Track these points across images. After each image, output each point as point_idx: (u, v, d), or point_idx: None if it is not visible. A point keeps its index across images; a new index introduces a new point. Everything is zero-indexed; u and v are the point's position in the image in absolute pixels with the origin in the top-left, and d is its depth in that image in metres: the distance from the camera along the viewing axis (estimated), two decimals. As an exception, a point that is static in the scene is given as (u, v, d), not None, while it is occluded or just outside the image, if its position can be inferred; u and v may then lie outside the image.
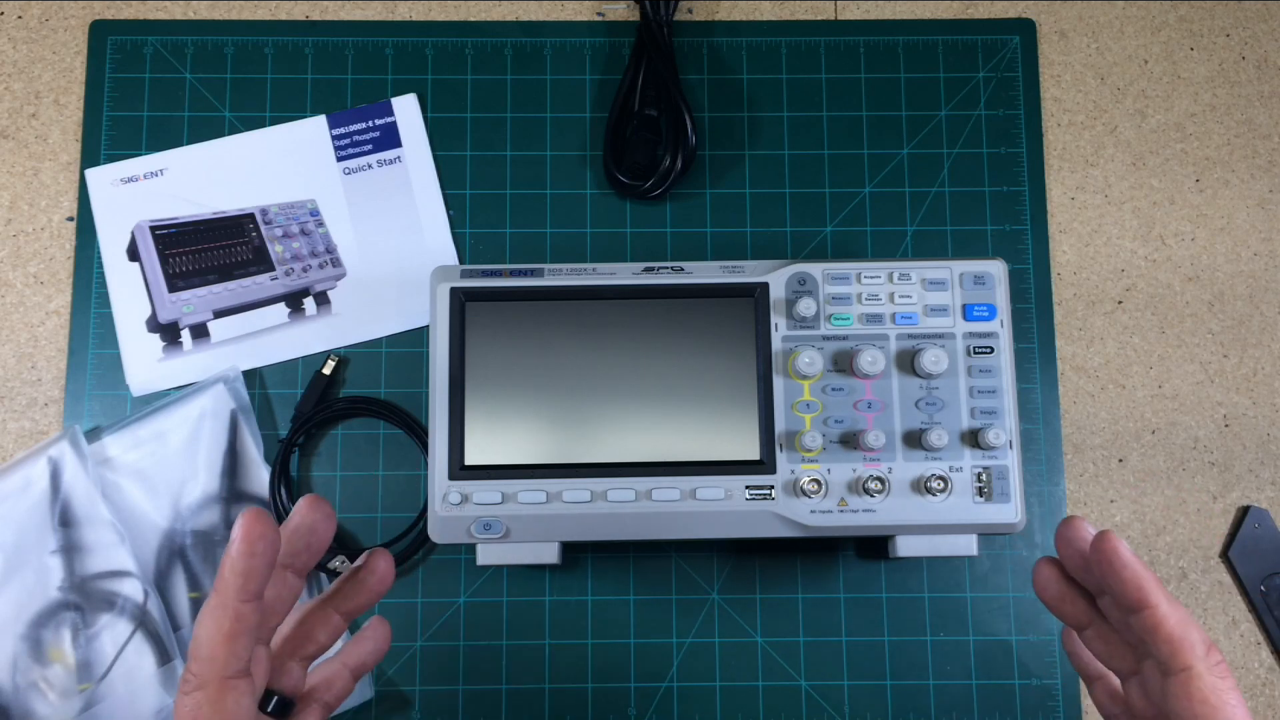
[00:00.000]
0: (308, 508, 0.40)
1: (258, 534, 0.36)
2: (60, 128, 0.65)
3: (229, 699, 0.36)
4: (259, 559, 0.36)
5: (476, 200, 0.65)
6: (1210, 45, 0.68)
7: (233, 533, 0.36)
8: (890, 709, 0.60)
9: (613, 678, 0.60)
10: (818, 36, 0.67)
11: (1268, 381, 0.64)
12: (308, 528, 0.40)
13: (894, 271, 0.56)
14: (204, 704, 0.36)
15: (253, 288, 0.63)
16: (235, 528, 0.36)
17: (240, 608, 0.36)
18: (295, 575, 0.40)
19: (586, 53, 0.67)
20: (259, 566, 0.36)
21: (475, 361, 0.55)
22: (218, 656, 0.36)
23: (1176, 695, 0.36)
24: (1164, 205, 0.66)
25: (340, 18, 0.67)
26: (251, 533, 0.36)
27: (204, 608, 0.37)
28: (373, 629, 0.47)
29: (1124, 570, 0.37)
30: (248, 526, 0.36)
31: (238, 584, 0.36)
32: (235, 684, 0.37)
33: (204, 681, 0.36)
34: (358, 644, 0.46)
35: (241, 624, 0.36)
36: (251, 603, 0.37)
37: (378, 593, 0.43)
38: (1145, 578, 0.37)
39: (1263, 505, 0.63)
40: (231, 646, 0.36)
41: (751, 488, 0.54)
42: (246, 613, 0.36)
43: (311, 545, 0.40)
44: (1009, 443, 0.54)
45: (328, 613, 0.43)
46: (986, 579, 0.61)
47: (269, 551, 0.37)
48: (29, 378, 0.63)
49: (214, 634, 0.36)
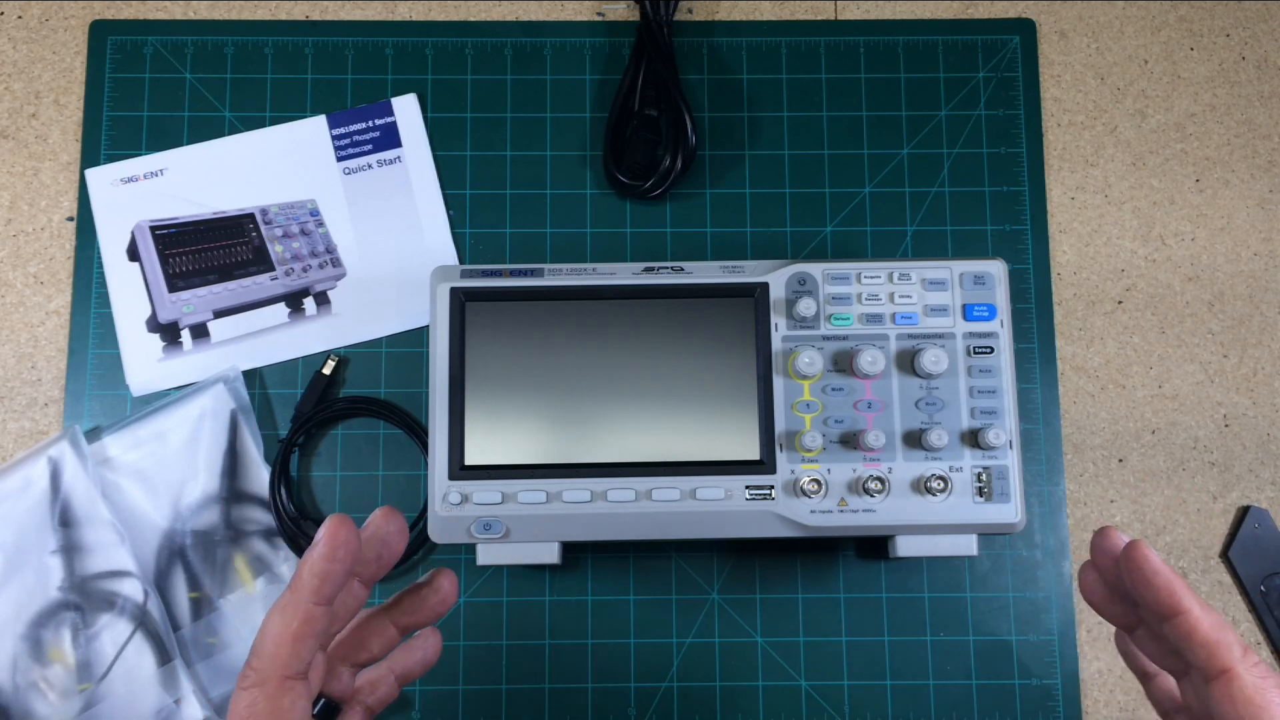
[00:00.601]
0: (383, 518, 0.40)
1: (341, 539, 0.37)
2: (60, 128, 0.65)
3: (285, 699, 0.36)
4: (339, 564, 0.37)
5: (476, 200, 0.65)
6: (1210, 45, 0.68)
7: (317, 535, 0.37)
8: (890, 709, 0.60)
9: (613, 678, 0.60)
10: (818, 36, 0.67)
11: (1268, 381, 0.64)
12: (381, 539, 0.40)
13: (894, 271, 0.56)
14: (260, 700, 0.36)
15: (253, 288, 0.63)
16: (321, 530, 0.37)
17: (312, 610, 0.37)
18: (362, 585, 0.40)
19: (586, 53, 0.67)
20: (337, 571, 0.37)
21: (475, 361, 0.55)
22: (281, 655, 0.36)
23: (1220, 699, 0.36)
24: (1164, 205, 0.66)
25: (340, 18, 0.67)
26: (336, 537, 0.37)
27: (274, 606, 0.37)
28: (424, 639, 0.46)
29: (1155, 578, 0.37)
30: (333, 530, 0.37)
31: (314, 585, 0.36)
32: (293, 685, 0.37)
33: (263, 678, 0.36)
34: (407, 651, 0.46)
35: (309, 626, 0.37)
36: (323, 606, 0.37)
37: (438, 613, 0.44)
38: (1176, 584, 0.37)
39: (1263, 505, 0.63)
40: (296, 647, 0.36)
41: (751, 488, 0.54)
42: (317, 615, 0.37)
43: (383, 557, 0.40)
44: (1009, 443, 0.54)
45: (384, 623, 0.43)
46: (986, 579, 0.61)
47: (349, 558, 0.37)
48: (29, 378, 0.63)
49: (281, 633, 0.36)
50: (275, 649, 0.36)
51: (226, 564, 0.60)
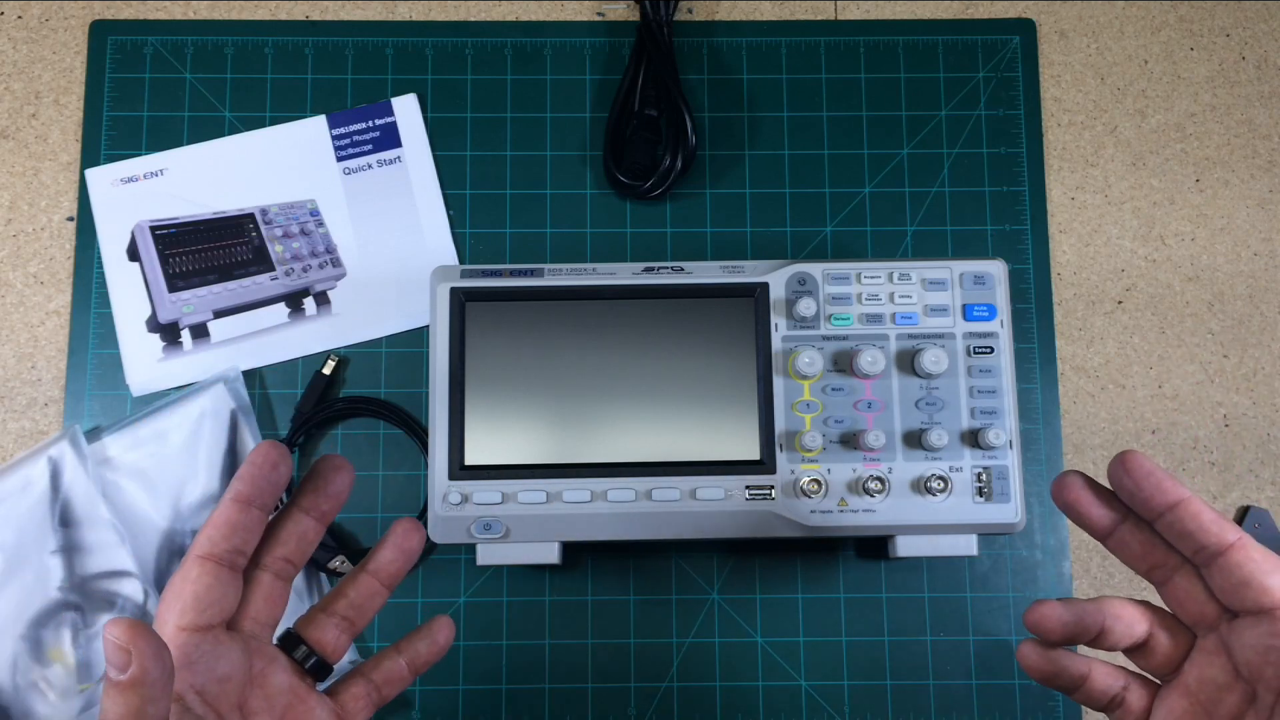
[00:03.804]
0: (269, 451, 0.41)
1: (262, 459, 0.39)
2: (60, 128, 0.65)
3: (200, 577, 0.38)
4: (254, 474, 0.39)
5: (476, 200, 0.65)
6: (1210, 45, 0.68)
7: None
8: (890, 709, 0.60)
9: (613, 678, 0.60)
10: (818, 36, 0.67)
11: (1268, 381, 0.64)
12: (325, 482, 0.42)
13: (894, 271, 0.56)
14: (176, 578, 0.38)
15: (253, 288, 0.63)
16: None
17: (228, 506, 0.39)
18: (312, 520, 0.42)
19: (586, 53, 0.67)
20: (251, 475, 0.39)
21: (475, 361, 0.55)
22: (199, 540, 0.38)
23: (1235, 564, 0.38)
24: (1164, 205, 0.66)
25: (340, 18, 0.67)
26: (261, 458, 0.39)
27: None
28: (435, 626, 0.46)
29: (1150, 477, 0.39)
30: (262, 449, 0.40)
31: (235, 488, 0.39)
32: (209, 567, 0.38)
33: (185, 560, 0.38)
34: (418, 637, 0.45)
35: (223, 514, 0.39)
36: (239, 504, 0.39)
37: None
38: (1171, 480, 0.39)
39: (1263, 505, 0.63)
40: (209, 532, 0.38)
41: (751, 488, 0.54)
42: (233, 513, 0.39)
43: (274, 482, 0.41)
44: (1009, 443, 0.54)
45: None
46: (986, 579, 0.61)
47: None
48: (29, 378, 0.63)
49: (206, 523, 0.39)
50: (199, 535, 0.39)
51: (226, 564, 0.60)
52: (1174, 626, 0.41)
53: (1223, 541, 0.38)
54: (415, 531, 0.44)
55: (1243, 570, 0.38)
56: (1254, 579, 0.37)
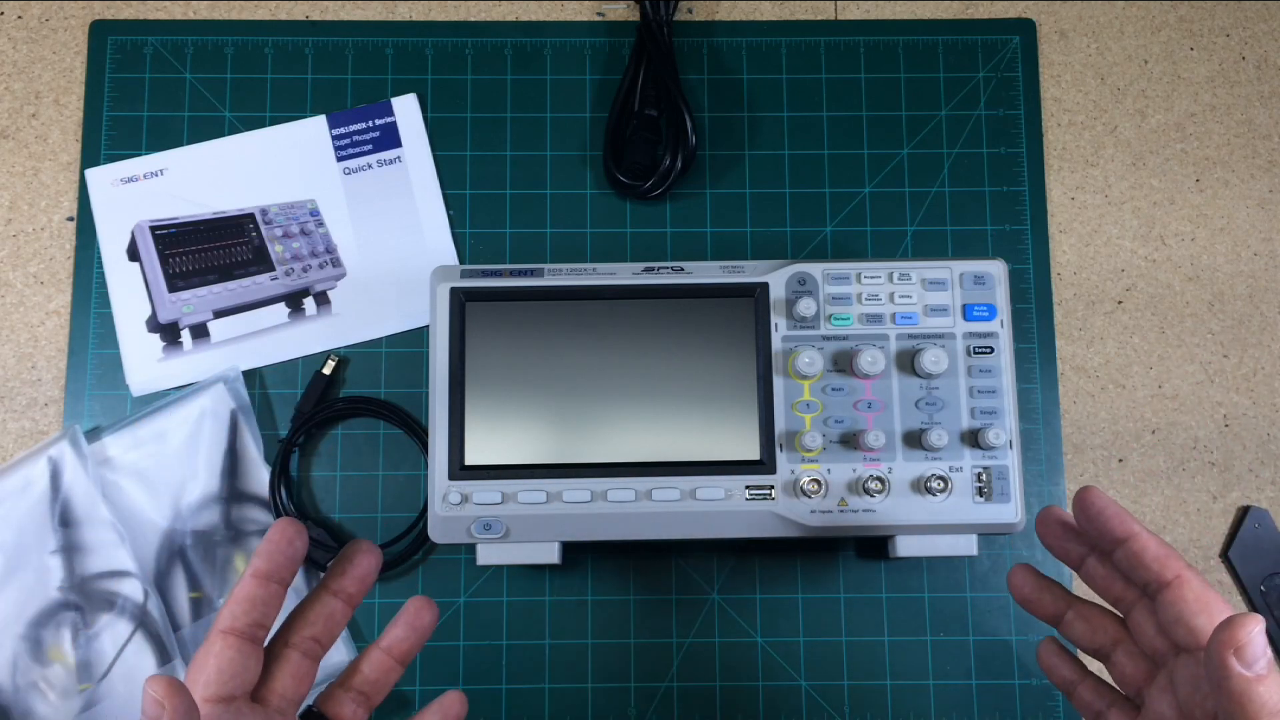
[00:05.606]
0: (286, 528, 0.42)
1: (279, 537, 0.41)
2: (60, 128, 0.65)
3: (225, 651, 0.39)
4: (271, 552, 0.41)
5: (476, 200, 0.65)
6: (1210, 45, 0.68)
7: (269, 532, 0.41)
8: (890, 709, 0.60)
9: (613, 678, 0.60)
10: (818, 36, 0.67)
11: (1268, 381, 0.64)
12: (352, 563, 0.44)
13: (894, 271, 0.56)
14: (199, 652, 0.40)
15: (253, 288, 0.63)
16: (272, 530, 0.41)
17: (247, 583, 0.40)
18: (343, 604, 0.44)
19: (586, 53, 0.67)
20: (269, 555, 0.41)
21: (475, 361, 0.55)
22: (221, 615, 0.40)
23: (1172, 601, 0.39)
24: (1164, 205, 0.66)
25: (340, 18, 0.67)
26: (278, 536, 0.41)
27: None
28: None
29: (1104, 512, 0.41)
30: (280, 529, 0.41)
31: (253, 565, 0.41)
32: (232, 641, 0.39)
33: (209, 635, 0.40)
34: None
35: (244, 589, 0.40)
36: (258, 580, 0.40)
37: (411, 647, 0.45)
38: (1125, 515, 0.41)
39: (1263, 505, 0.63)
40: (231, 609, 0.40)
41: (751, 488, 0.54)
42: (253, 589, 0.40)
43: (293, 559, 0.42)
44: (1009, 443, 0.54)
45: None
46: (986, 579, 0.61)
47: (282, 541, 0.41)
48: (29, 378, 0.63)
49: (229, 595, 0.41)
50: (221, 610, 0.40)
51: (226, 564, 0.60)
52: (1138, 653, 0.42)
53: (1161, 578, 0.39)
54: (427, 609, 0.45)
55: (1174, 609, 0.39)
56: (1183, 618, 0.38)
